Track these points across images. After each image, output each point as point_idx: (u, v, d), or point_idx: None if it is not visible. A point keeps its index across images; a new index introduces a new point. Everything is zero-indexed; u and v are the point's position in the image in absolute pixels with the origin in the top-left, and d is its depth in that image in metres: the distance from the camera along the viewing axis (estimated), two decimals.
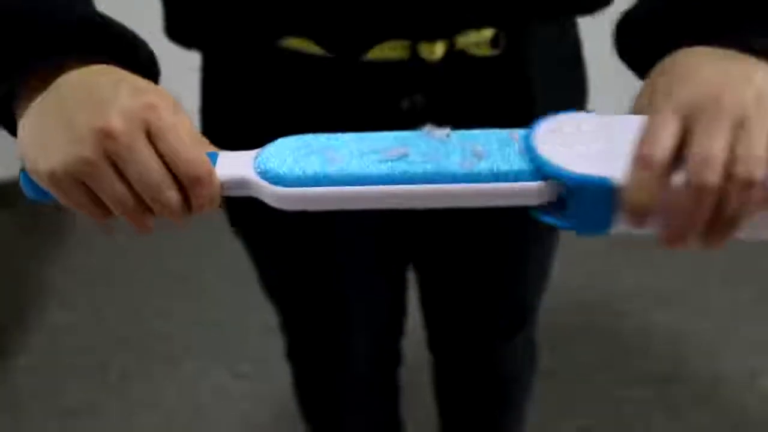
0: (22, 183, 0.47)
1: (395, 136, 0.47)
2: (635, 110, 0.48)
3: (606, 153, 0.44)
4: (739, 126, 0.41)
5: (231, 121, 0.69)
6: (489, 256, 0.82)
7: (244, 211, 0.78)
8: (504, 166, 0.45)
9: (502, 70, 0.63)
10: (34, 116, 0.44)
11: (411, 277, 0.94)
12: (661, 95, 0.44)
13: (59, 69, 0.44)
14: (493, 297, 0.88)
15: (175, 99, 0.45)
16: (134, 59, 0.47)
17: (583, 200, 0.44)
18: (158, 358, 1.63)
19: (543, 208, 0.47)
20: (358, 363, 0.95)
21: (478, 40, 0.60)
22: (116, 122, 0.41)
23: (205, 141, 0.46)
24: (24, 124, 0.45)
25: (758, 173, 0.41)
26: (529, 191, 0.45)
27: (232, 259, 1.81)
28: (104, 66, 0.45)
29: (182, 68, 0.77)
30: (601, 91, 0.83)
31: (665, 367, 1.56)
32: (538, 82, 0.65)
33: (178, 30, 0.65)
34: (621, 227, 0.45)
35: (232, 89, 0.68)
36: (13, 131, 0.47)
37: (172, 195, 0.43)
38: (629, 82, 0.55)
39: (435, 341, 1.02)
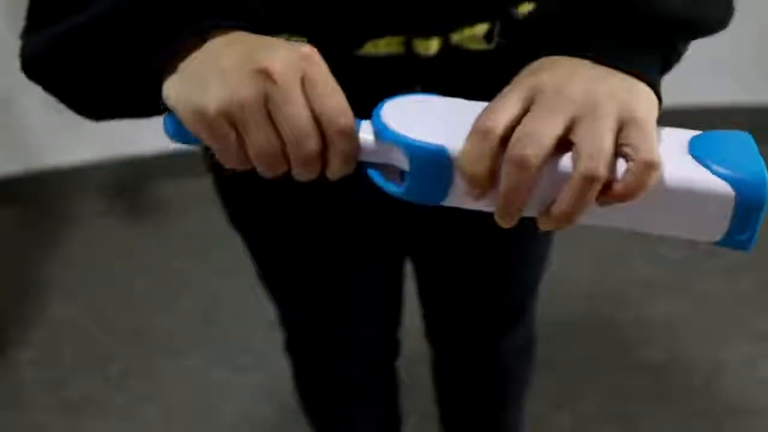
0: (165, 126, 0.47)
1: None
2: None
3: (450, 129, 0.45)
4: (583, 116, 0.42)
5: None
6: (486, 248, 0.82)
7: (242, 207, 0.79)
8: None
9: (498, 63, 0.63)
10: (187, 69, 0.45)
11: (408, 269, 0.94)
12: (513, 82, 0.47)
13: (201, 41, 0.45)
14: (490, 289, 0.88)
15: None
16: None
17: (419, 167, 0.45)
18: (159, 353, 1.64)
19: (385, 174, 0.48)
20: (357, 355, 0.96)
21: (472, 35, 0.60)
22: (277, 65, 0.42)
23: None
24: (174, 78, 0.45)
25: (597, 167, 0.41)
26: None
27: (233, 253, 1.82)
28: (245, 32, 0.46)
29: None
30: None
31: (664, 356, 1.57)
32: None
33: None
34: (454, 200, 0.47)
35: None
36: (150, 108, 0.47)
37: (314, 145, 0.44)
38: None
39: (433, 333, 1.02)
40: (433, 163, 0.45)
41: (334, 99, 0.44)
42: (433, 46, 0.59)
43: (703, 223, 0.46)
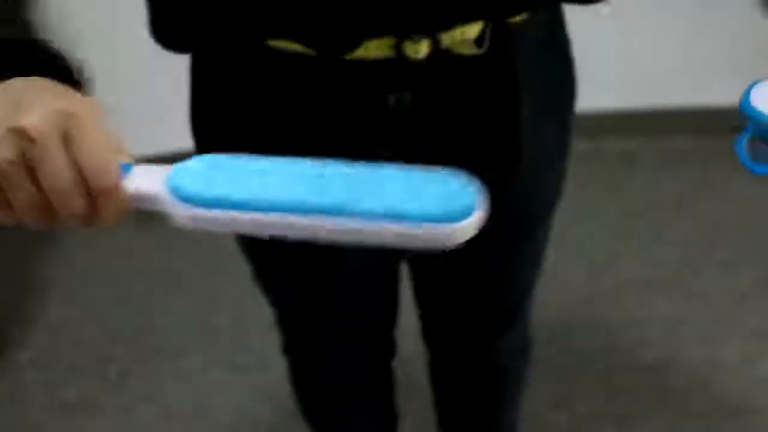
0: None
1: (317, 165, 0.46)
2: None
3: None
4: None
5: (220, 121, 0.70)
6: (481, 249, 0.82)
7: None
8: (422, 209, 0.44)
9: (488, 68, 0.63)
10: None
11: (404, 270, 0.95)
12: None
13: None
14: (486, 290, 0.88)
15: (99, 108, 0.45)
16: (60, 72, 0.47)
17: None
18: (158, 354, 1.64)
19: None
20: (352, 355, 0.96)
21: (462, 38, 0.61)
22: (33, 123, 0.41)
23: (123, 150, 0.47)
24: None
25: None
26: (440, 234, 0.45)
27: (231, 254, 1.82)
28: (30, 78, 0.45)
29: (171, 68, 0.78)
30: (592, 87, 0.83)
31: (662, 356, 1.57)
32: (523, 80, 0.66)
33: (163, 33, 0.65)
34: None
35: (220, 90, 0.68)
36: None
37: (78, 203, 0.43)
38: (623, 78, 0.57)
39: (429, 334, 1.02)
40: None
41: (95, 156, 0.43)
42: (423, 49, 0.59)
43: None
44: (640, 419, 1.45)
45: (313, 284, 0.84)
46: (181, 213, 0.45)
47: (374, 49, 0.59)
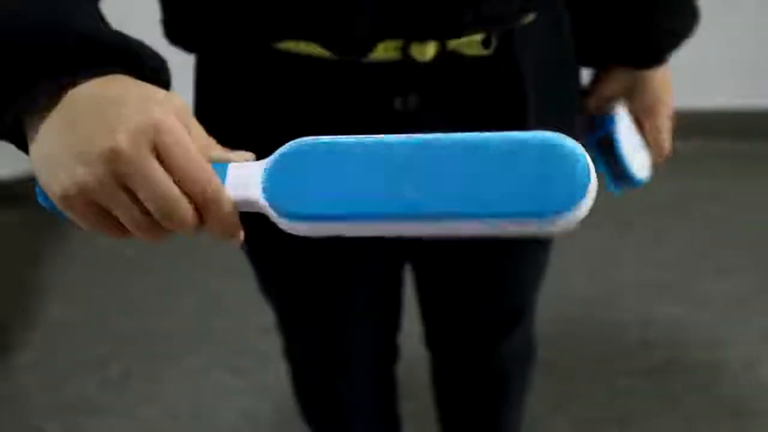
0: (39, 196, 0.47)
1: (413, 145, 0.44)
2: (603, 92, 0.79)
3: (638, 149, 0.75)
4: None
5: (225, 124, 0.70)
6: (485, 253, 0.82)
7: (243, 221, 0.78)
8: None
9: (494, 69, 0.63)
10: (45, 136, 0.43)
11: (408, 274, 0.94)
12: (649, 108, 0.78)
13: (66, 86, 0.43)
14: (489, 295, 0.88)
15: (184, 105, 0.44)
16: (142, 68, 0.46)
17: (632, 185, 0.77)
18: (159, 355, 1.64)
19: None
20: (355, 360, 0.96)
21: (469, 41, 0.61)
22: (123, 144, 0.41)
23: (213, 145, 0.46)
24: (35, 143, 0.44)
25: None
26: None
27: (233, 255, 1.82)
28: (113, 77, 0.44)
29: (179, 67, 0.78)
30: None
31: (662, 357, 1.57)
32: (529, 81, 0.65)
33: (178, 33, 0.65)
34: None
35: (227, 91, 0.68)
36: (26, 150, 0.46)
37: (186, 213, 0.43)
38: None
39: (432, 338, 1.02)
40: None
41: (192, 167, 0.42)
42: (429, 51, 0.59)
43: None
44: (641, 422, 1.45)
45: (315, 289, 0.84)
46: (283, 225, 0.44)
47: (382, 51, 0.59)
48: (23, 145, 0.46)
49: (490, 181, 0.41)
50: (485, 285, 0.86)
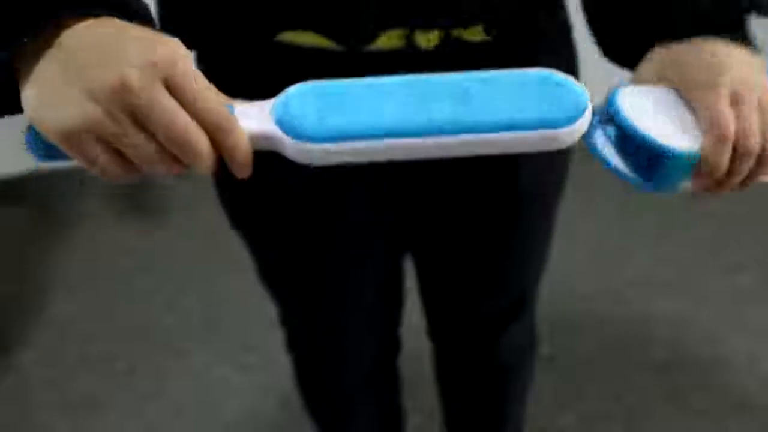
0: (28, 145, 0.45)
1: (411, 81, 0.46)
2: (640, 81, 0.57)
3: (677, 127, 0.53)
4: (762, 103, 0.53)
5: None
6: (486, 244, 0.82)
7: (241, 206, 0.79)
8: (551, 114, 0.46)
9: (496, 54, 0.64)
10: (42, 76, 0.42)
11: (409, 267, 0.95)
12: (705, 84, 0.54)
13: (58, 28, 0.42)
14: (490, 285, 0.88)
15: (186, 50, 0.44)
16: (132, 12, 0.45)
17: (668, 167, 0.52)
18: (164, 351, 1.64)
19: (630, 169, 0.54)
20: (357, 352, 0.96)
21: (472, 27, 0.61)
22: (133, 76, 0.40)
23: (218, 92, 0.45)
24: (30, 86, 0.43)
25: None
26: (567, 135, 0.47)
27: (236, 251, 1.82)
28: (107, 19, 0.43)
29: None
30: (590, 71, 0.83)
31: (666, 353, 1.57)
32: (531, 65, 0.66)
33: (174, 29, 0.65)
34: (684, 186, 0.55)
35: (228, 87, 0.68)
36: (14, 103, 0.45)
37: (202, 142, 0.42)
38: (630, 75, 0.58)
39: (434, 330, 1.02)
40: (681, 164, 0.52)
41: (203, 96, 0.42)
42: (433, 39, 0.60)
43: None
44: (646, 418, 1.45)
45: (317, 280, 0.84)
46: (297, 149, 0.44)
47: (386, 39, 0.59)
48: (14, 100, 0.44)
49: (499, 101, 0.45)
50: (486, 275, 0.86)
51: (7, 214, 2.07)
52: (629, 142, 0.52)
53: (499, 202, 0.77)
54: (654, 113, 0.52)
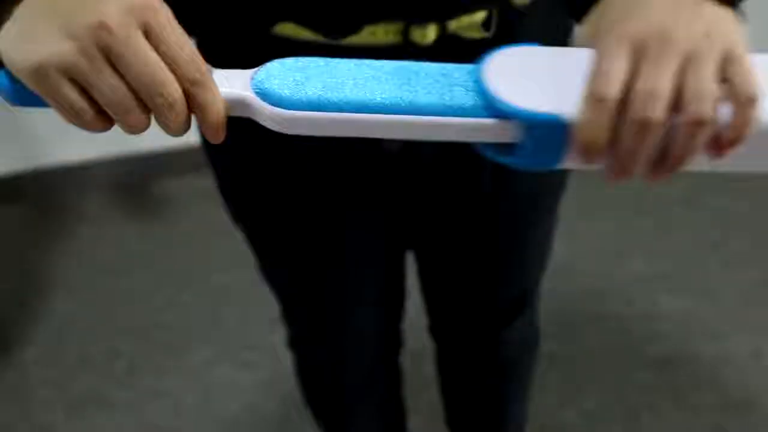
0: (0, 86, 0.44)
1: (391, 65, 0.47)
2: (578, 40, 0.48)
3: (556, 88, 0.44)
4: (688, 62, 0.41)
5: None
6: (488, 240, 0.82)
7: (246, 201, 0.78)
8: (458, 101, 0.45)
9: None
10: (22, 15, 0.42)
11: (411, 264, 0.94)
12: (605, 30, 0.43)
13: None
14: (492, 281, 0.88)
15: (165, 5, 0.43)
16: None
17: (536, 137, 0.44)
18: (165, 349, 1.64)
19: (493, 146, 0.47)
20: (359, 348, 0.96)
21: (470, 23, 0.60)
22: (113, 16, 0.40)
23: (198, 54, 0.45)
24: (8, 25, 0.42)
25: (706, 110, 0.41)
26: (484, 127, 0.45)
27: (236, 249, 1.82)
28: None
29: None
30: None
31: (668, 350, 1.57)
32: None
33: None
34: (570, 163, 0.45)
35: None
36: None
37: (175, 93, 0.42)
38: None
39: (436, 326, 1.02)
40: (548, 132, 0.43)
41: (181, 45, 0.42)
42: (430, 34, 0.59)
43: None
44: (649, 415, 1.44)
45: (318, 275, 0.84)
46: (274, 115, 0.44)
47: (382, 34, 0.59)
48: None
49: (436, 87, 0.46)
50: (488, 273, 0.86)
51: (8, 212, 2.07)
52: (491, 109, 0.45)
53: (501, 199, 0.76)
54: (530, 76, 0.44)
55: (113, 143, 2.08)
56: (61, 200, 2.09)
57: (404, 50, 0.59)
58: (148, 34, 0.41)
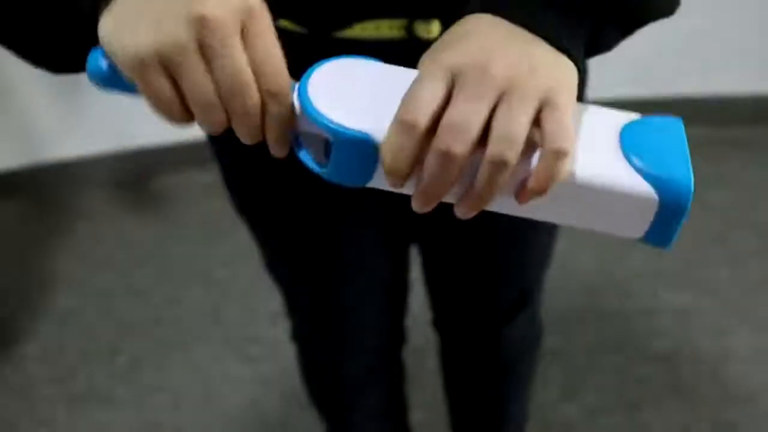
0: (91, 70, 0.44)
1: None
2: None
3: (376, 106, 0.43)
4: (504, 98, 0.40)
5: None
6: (492, 236, 0.82)
7: (251, 193, 0.78)
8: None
9: None
10: (122, 6, 0.42)
11: (415, 258, 0.94)
12: (430, 58, 0.43)
13: None
14: (496, 277, 0.88)
15: (267, 12, 0.43)
16: None
17: (342, 151, 0.43)
18: (167, 344, 1.64)
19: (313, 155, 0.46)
20: (361, 341, 0.96)
21: None
22: (216, 12, 0.40)
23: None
24: (110, 14, 0.43)
25: (509, 154, 0.40)
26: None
27: (239, 244, 1.82)
28: None
29: None
30: (605, 76, 0.82)
31: (670, 345, 1.57)
32: None
33: None
34: (378, 183, 0.45)
35: None
36: (87, 44, 0.45)
37: (254, 97, 0.42)
38: (635, 67, 0.57)
39: (440, 319, 1.02)
40: (356, 150, 0.42)
41: (270, 54, 0.42)
42: (434, 29, 0.59)
43: (622, 221, 0.43)
44: (650, 410, 1.45)
45: (322, 267, 0.84)
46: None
47: (387, 29, 0.58)
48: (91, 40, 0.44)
49: None
50: (491, 267, 0.86)
51: (6, 208, 2.06)
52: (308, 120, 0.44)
53: None
54: (355, 91, 0.43)
55: (114, 138, 2.08)
56: (61, 196, 2.09)
57: (409, 44, 0.59)
58: (245, 37, 0.41)
